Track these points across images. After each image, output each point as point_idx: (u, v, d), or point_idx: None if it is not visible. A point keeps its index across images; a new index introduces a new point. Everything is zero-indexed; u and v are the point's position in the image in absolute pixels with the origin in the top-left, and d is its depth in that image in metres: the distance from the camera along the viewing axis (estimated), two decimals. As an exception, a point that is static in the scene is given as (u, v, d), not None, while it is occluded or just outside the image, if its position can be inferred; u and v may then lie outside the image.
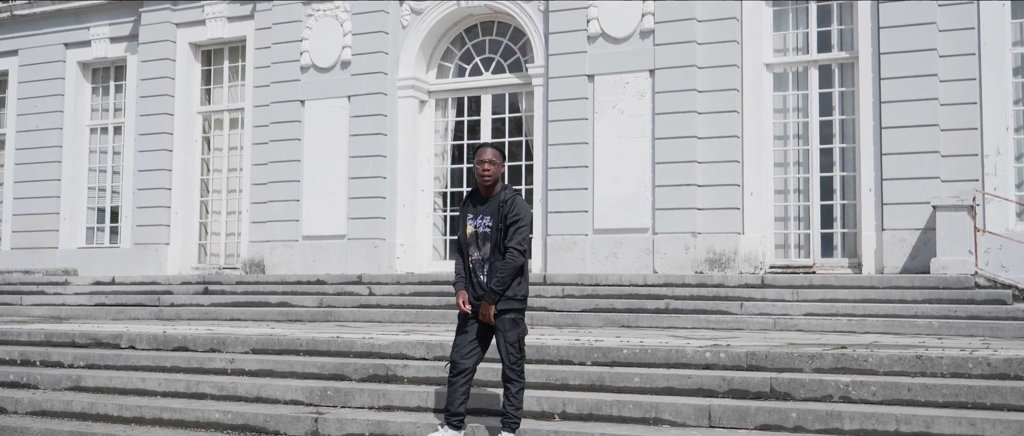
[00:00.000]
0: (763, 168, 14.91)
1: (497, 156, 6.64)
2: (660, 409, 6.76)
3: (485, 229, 6.54)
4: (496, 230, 6.50)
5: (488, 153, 6.62)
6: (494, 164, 6.59)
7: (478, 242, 6.57)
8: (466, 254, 6.64)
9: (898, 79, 13.95)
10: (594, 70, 15.60)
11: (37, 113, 20.85)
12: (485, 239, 6.54)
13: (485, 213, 6.57)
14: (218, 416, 7.52)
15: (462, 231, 6.66)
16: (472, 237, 6.59)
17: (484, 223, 6.55)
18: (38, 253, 20.45)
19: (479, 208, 6.62)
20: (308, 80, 17.71)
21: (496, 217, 6.52)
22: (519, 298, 6.55)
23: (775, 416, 6.51)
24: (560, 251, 15.48)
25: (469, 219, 6.63)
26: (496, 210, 6.54)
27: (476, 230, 6.58)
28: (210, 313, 14.16)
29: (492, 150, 6.65)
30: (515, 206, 6.53)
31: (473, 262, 6.60)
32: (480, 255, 6.56)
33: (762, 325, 11.25)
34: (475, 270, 6.60)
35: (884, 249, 13.83)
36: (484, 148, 6.67)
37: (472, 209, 6.65)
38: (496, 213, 6.53)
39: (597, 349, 7.85)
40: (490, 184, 6.62)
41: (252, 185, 18.40)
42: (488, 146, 6.69)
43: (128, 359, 9.15)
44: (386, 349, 8.49)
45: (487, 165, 6.57)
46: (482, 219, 6.57)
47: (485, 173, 6.57)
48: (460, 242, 6.70)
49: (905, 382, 6.65)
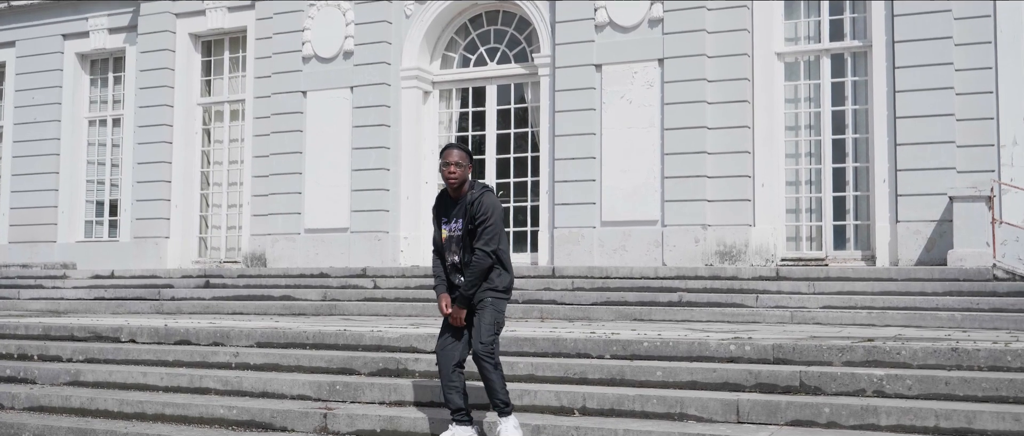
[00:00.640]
0: (774, 159, 14.64)
1: (463, 157, 6.41)
2: (685, 404, 6.48)
3: (457, 232, 6.40)
4: (466, 232, 6.36)
5: (454, 154, 6.39)
6: (460, 166, 6.37)
7: (452, 246, 6.45)
8: (444, 257, 6.52)
9: (913, 68, 13.68)
10: (602, 59, 15.32)
11: (35, 105, 20.55)
12: (459, 243, 6.41)
13: (456, 216, 6.43)
14: (223, 411, 7.24)
15: (437, 235, 6.53)
16: (447, 241, 6.47)
17: (456, 227, 6.41)
18: (36, 247, 20.17)
19: (451, 211, 6.46)
20: (310, 71, 17.42)
21: (466, 219, 6.37)
22: (500, 289, 6.38)
23: (807, 411, 6.24)
24: (567, 244, 15.21)
25: (443, 223, 6.49)
26: (465, 212, 6.38)
27: (450, 234, 6.44)
28: (212, 307, 13.88)
29: (458, 151, 6.42)
30: (482, 205, 6.35)
31: (450, 265, 6.49)
32: (458, 259, 6.42)
33: (779, 318, 10.98)
34: (451, 274, 6.48)
35: (898, 241, 13.57)
36: (450, 149, 6.43)
37: (444, 212, 6.51)
38: (465, 214, 6.38)
39: (616, 342, 7.56)
40: (457, 185, 6.41)
41: (253, 178, 18.12)
42: (454, 147, 6.45)
43: (128, 353, 8.86)
44: (396, 342, 8.21)
45: (453, 167, 6.36)
46: (454, 223, 6.43)
47: (451, 176, 6.37)
48: (436, 245, 6.56)
49: (942, 376, 6.38)
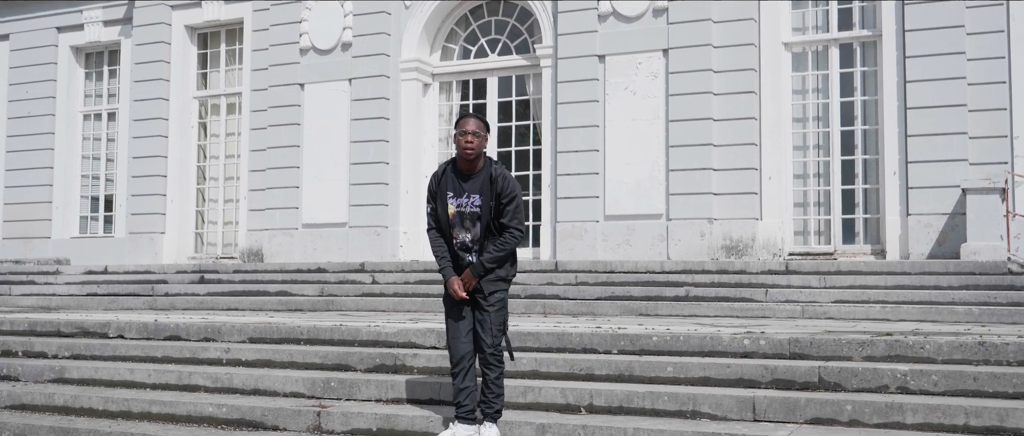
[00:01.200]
0: (782, 151, 14.31)
1: (481, 127, 6.05)
2: (698, 401, 6.14)
3: (474, 208, 6.02)
4: (487, 209, 6.00)
5: (471, 123, 6.02)
6: (478, 136, 6.01)
7: (464, 223, 6.05)
8: (449, 235, 6.10)
9: (924, 58, 13.36)
10: (605, 50, 14.99)
11: (29, 99, 20.23)
12: (474, 219, 6.04)
13: (471, 190, 6.04)
14: (212, 410, 6.91)
15: (442, 210, 6.07)
16: (457, 217, 6.05)
17: (472, 202, 6.03)
18: (30, 243, 19.86)
19: (463, 185, 6.06)
20: (308, 63, 17.10)
21: (487, 195, 6.00)
22: (508, 279, 6.12)
23: (827, 409, 5.89)
24: (570, 238, 14.88)
25: (450, 198, 6.06)
26: (486, 187, 6.01)
27: (461, 209, 6.04)
28: (206, 303, 13.54)
29: (475, 120, 6.05)
30: (508, 183, 6.05)
31: (458, 244, 6.08)
32: (470, 236, 6.05)
33: (789, 312, 10.63)
34: (461, 253, 6.08)
35: (909, 235, 13.24)
36: (467, 118, 6.06)
37: (453, 186, 6.07)
38: (486, 190, 6.01)
39: (623, 336, 7.23)
40: (473, 158, 6.04)
41: (250, 172, 17.82)
42: (471, 116, 6.09)
43: (116, 349, 8.52)
44: (393, 337, 7.87)
45: (470, 137, 5.99)
46: (468, 197, 6.04)
47: (468, 146, 5.98)
48: (440, 222, 6.10)
49: (970, 371, 6.02)
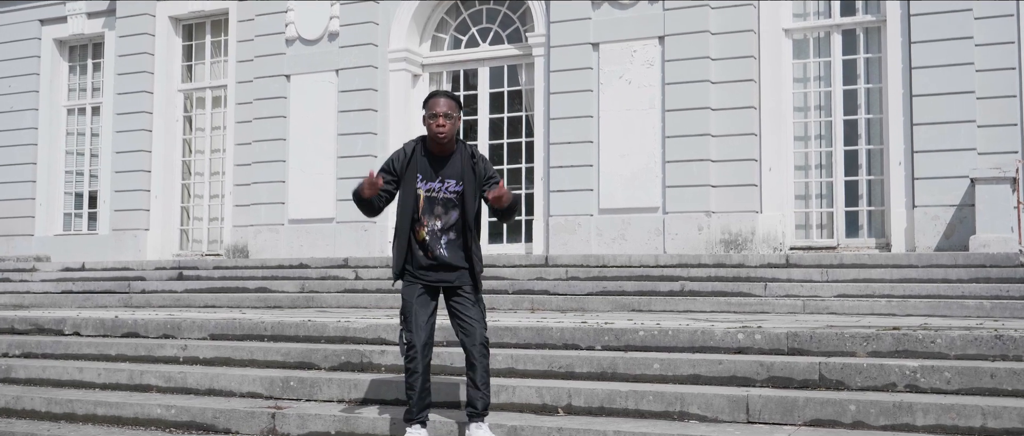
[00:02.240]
0: (782, 142, 13.74)
1: (453, 107, 5.60)
2: (686, 401, 5.57)
3: (448, 194, 5.58)
4: (473, 194, 5.58)
5: (442, 103, 5.57)
6: (449, 117, 5.55)
7: (435, 209, 5.57)
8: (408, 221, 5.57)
9: (930, 43, 12.79)
10: (599, 38, 14.43)
11: (11, 93, 19.69)
12: (449, 206, 5.59)
13: (447, 175, 5.59)
14: (160, 412, 6.36)
15: (406, 194, 5.57)
16: (428, 203, 5.57)
17: (447, 188, 5.58)
18: (12, 240, 19.33)
19: (436, 170, 5.59)
20: (294, 53, 16.57)
21: (468, 179, 5.58)
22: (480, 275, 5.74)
23: (829, 409, 5.31)
24: (563, 233, 14.32)
25: (420, 181, 5.57)
26: (467, 172, 5.59)
27: (432, 194, 5.56)
28: (182, 300, 13.02)
29: (446, 100, 5.60)
30: (487, 162, 5.73)
31: (428, 233, 5.56)
32: (441, 224, 5.57)
33: (790, 307, 10.07)
34: (430, 243, 5.55)
35: (915, 227, 12.68)
36: (436, 98, 5.60)
37: (424, 169, 5.58)
38: (466, 174, 5.59)
39: (608, 331, 6.66)
40: (446, 141, 5.57)
41: (235, 166, 17.28)
42: (441, 95, 5.63)
43: (69, 347, 7.98)
44: (362, 333, 7.32)
45: (441, 120, 5.53)
46: (442, 182, 5.58)
47: (440, 130, 5.53)
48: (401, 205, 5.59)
49: (986, 367, 5.45)
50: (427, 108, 5.59)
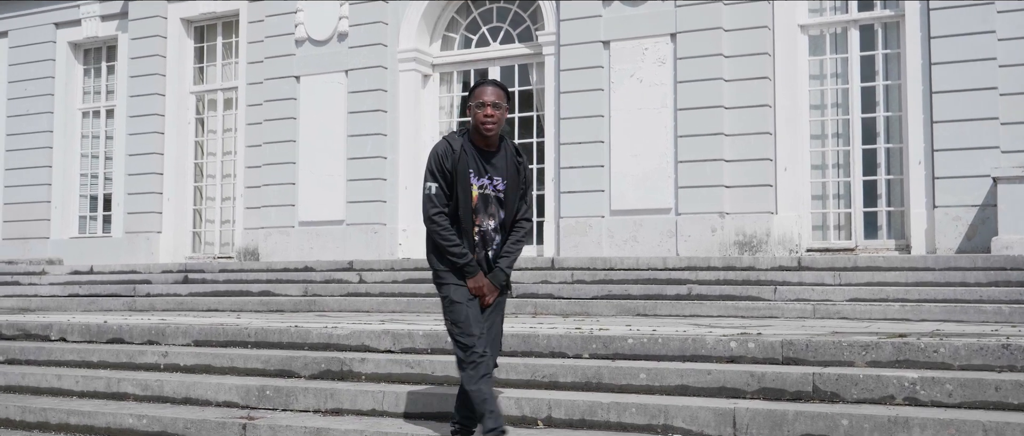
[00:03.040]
0: (798, 141, 13.37)
1: (501, 96, 5.06)
2: (670, 413, 5.27)
3: (497, 192, 5.06)
4: (514, 195, 5.09)
5: (490, 92, 5.03)
6: (498, 108, 5.01)
7: (489, 208, 5.05)
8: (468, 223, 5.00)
9: (950, 38, 12.40)
10: (609, 36, 14.13)
11: (27, 97, 19.67)
12: (499, 204, 5.08)
13: (495, 171, 5.06)
14: (132, 421, 6.15)
15: (463, 194, 4.97)
16: (482, 202, 5.02)
17: (495, 185, 5.06)
18: (29, 243, 19.29)
19: (485, 165, 5.04)
20: (303, 54, 16.39)
21: (512, 178, 5.09)
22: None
23: (820, 423, 4.99)
24: (574, 235, 14.03)
25: (474, 179, 5.00)
26: (511, 170, 5.09)
27: (484, 192, 5.03)
28: (186, 303, 12.85)
29: (494, 88, 5.06)
30: (526, 164, 5.21)
31: (482, 233, 5.05)
32: (494, 224, 5.07)
33: (799, 312, 9.72)
34: (485, 243, 5.07)
35: (936, 228, 12.28)
36: (484, 87, 5.06)
37: (475, 165, 5.02)
38: (511, 173, 5.09)
39: (597, 339, 6.37)
40: (493, 134, 5.03)
41: (246, 168, 17.13)
42: (489, 84, 5.09)
43: (52, 353, 7.80)
44: (345, 340, 7.08)
45: (490, 110, 4.98)
46: (491, 179, 5.06)
47: (489, 121, 4.99)
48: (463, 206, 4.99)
49: (991, 379, 5.10)
50: (474, 98, 5.06)
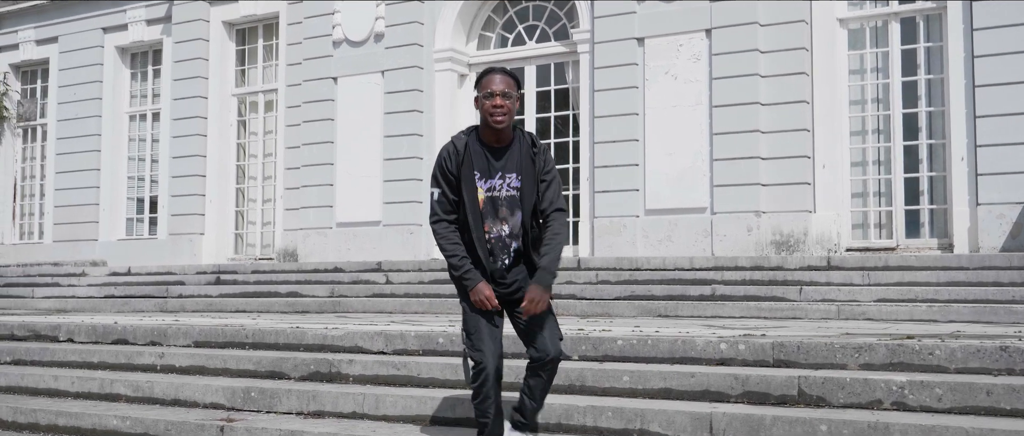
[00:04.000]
0: (837, 137, 12.99)
1: (511, 85, 4.59)
2: (647, 417, 5.05)
3: (511, 191, 4.59)
4: (531, 191, 4.58)
5: (498, 80, 4.56)
6: (508, 97, 4.55)
7: (499, 211, 4.59)
8: (477, 230, 4.57)
9: (994, 29, 11.94)
10: (644, 32, 13.89)
11: (76, 101, 20.04)
12: (513, 205, 4.60)
13: (505, 168, 4.60)
14: (116, 423, 6.12)
15: (469, 198, 4.55)
16: (489, 204, 4.58)
17: (508, 183, 4.59)
18: (78, 245, 19.62)
19: (493, 162, 4.59)
20: (340, 55, 16.41)
21: (527, 171, 4.59)
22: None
23: (798, 429, 4.73)
24: (608, 235, 13.80)
25: (478, 180, 4.57)
26: (526, 163, 4.60)
27: (493, 194, 4.59)
28: (215, 304, 12.91)
29: (503, 76, 4.60)
30: (548, 155, 4.69)
31: (491, 240, 4.60)
32: (507, 229, 4.60)
33: (823, 313, 9.40)
34: (495, 251, 4.60)
35: (979, 226, 11.84)
36: (491, 75, 4.61)
37: (481, 164, 4.59)
38: (526, 166, 4.60)
39: (586, 340, 6.18)
40: (503, 127, 4.57)
41: (285, 170, 17.21)
42: (497, 71, 4.63)
43: (55, 354, 7.82)
44: (339, 341, 6.97)
45: (499, 100, 4.53)
46: (502, 178, 4.60)
47: (498, 112, 4.53)
48: (470, 211, 4.56)
49: (983, 383, 4.81)
50: (480, 87, 4.62)
